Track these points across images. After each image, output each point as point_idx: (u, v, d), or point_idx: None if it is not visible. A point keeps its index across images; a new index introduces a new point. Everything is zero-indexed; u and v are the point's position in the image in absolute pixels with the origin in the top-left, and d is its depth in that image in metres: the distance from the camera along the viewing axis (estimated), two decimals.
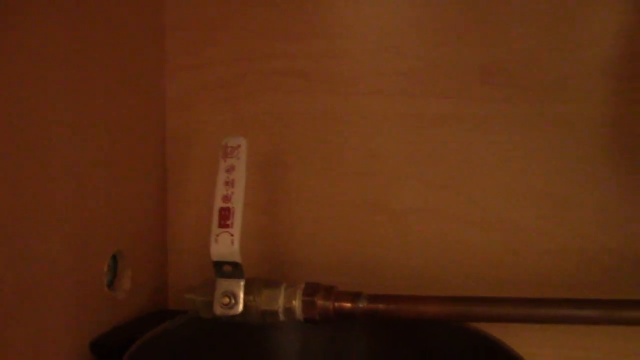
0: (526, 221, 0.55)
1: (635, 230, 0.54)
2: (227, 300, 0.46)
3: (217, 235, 0.46)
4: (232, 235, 0.46)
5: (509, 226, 0.55)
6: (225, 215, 0.46)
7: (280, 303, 0.47)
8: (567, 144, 0.54)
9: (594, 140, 0.54)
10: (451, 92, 0.55)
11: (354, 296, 0.47)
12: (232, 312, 0.46)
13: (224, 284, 0.47)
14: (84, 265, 0.48)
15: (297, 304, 0.47)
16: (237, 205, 0.46)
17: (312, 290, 0.47)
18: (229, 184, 0.47)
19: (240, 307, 0.46)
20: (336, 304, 0.47)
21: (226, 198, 0.47)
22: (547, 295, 0.45)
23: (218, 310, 0.46)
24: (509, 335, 0.48)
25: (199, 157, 0.60)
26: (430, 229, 0.56)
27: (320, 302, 0.47)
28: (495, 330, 0.48)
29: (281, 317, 0.47)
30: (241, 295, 0.46)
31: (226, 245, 0.45)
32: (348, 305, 0.47)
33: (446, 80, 0.55)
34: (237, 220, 0.46)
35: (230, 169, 0.47)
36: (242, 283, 0.47)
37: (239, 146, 0.48)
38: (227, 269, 0.46)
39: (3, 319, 0.40)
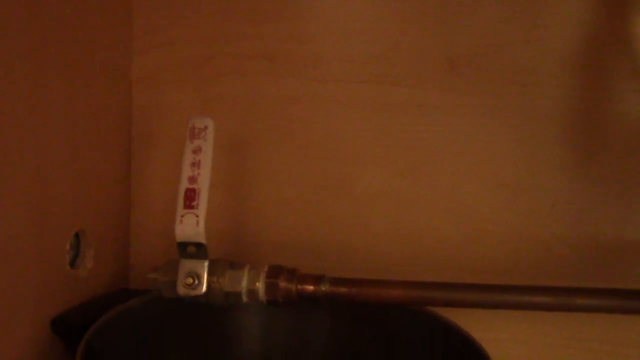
0: (484, 208, 0.56)
1: (585, 220, 0.55)
2: (190, 280, 0.47)
3: (182, 216, 0.46)
4: (197, 216, 0.46)
5: (468, 213, 0.56)
6: (190, 197, 0.46)
7: (243, 285, 0.47)
8: (527, 135, 0.56)
9: (552, 131, 0.55)
10: (416, 80, 0.56)
11: (317, 279, 0.48)
12: (195, 292, 0.47)
13: (187, 265, 0.47)
14: (45, 243, 0.48)
15: (260, 286, 0.47)
16: (203, 187, 0.46)
17: (275, 272, 0.48)
18: (195, 165, 0.47)
19: (204, 287, 0.47)
20: (299, 287, 0.47)
21: (192, 179, 0.47)
22: (503, 282, 0.46)
23: (181, 290, 0.47)
24: (465, 319, 0.49)
25: (164, 137, 0.59)
26: (392, 213, 0.57)
27: (283, 285, 0.47)
28: (453, 316, 0.50)
29: (244, 298, 0.47)
30: (205, 276, 0.47)
31: (191, 226, 0.46)
32: (311, 288, 0.47)
33: (411, 69, 0.56)
34: (203, 201, 0.46)
35: (196, 150, 0.47)
36: (206, 264, 0.47)
37: (205, 127, 0.48)
38: (191, 250, 0.47)
39: None
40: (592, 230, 0.55)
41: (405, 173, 0.57)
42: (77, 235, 0.53)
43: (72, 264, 0.52)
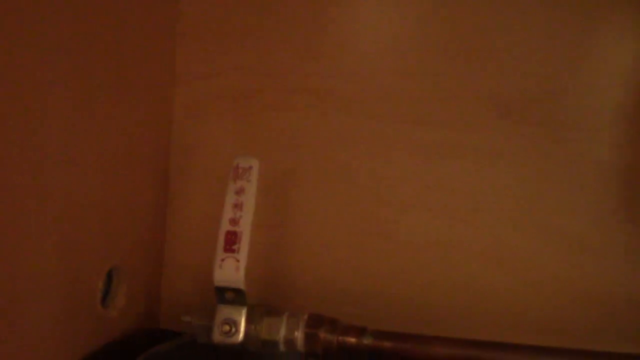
0: (542, 262, 0.53)
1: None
2: (227, 328, 0.44)
3: (222, 260, 0.44)
4: (237, 260, 0.44)
5: (524, 266, 0.53)
6: (231, 240, 0.44)
7: (281, 334, 0.45)
8: (580, 184, 0.52)
9: (605, 183, 0.52)
10: (465, 123, 0.53)
11: (360, 331, 0.45)
12: (231, 340, 0.44)
13: (225, 311, 0.45)
14: (77, 280, 0.46)
15: (299, 335, 0.45)
16: (245, 230, 0.44)
17: (315, 322, 0.45)
18: (238, 206, 0.45)
19: (241, 336, 0.44)
20: (340, 339, 0.45)
21: (233, 221, 0.44)
22: (561, 344, 0.43)
23: (217, 338, 0.44)
24: None
25: (202, 170, 0.57)
26: (442, 263, 0.54)
27: (323, 336, 0.45)
28: None
29: (281, 347, 0.45)
30: (242, 324, 0.44)
31: (231, 271, 0.43)
32: (353, 340, 0.45)
33: (461, 111, 0.53)
34: (244, 245, 0.44)
35: (239, 191, 0.45)
36: (244, 311, 0.45)
37: (250, 167, 0.46)
38: (229, 296, 0.44)
39: None
40: None
41: (457, 220, 0.54)
42: (109, 272, 0.50)
43: (103, 302, 0.50)
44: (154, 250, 0.57)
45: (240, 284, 0.43)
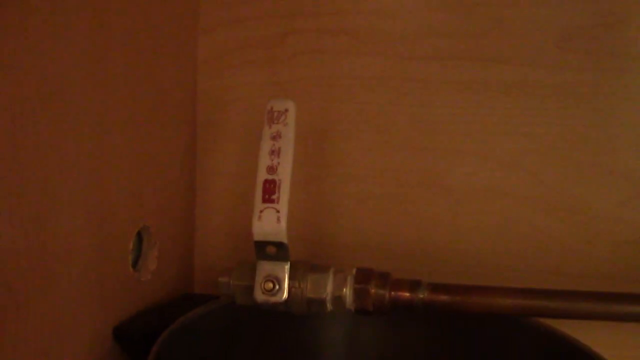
0: (599, 205, 0.49)
1: None
2: (270, 285, 0.41)
3: (261, 212, 0.40)
4: (278, 211, 0.40)
5: (580, 210, 0.49)
6: (270, 189, 0.40)
7: (328, 290, 0.41)
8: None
9: None
10: (520, 57, 0.49)
11: (413, 285, 0.41)
12: (275, 299, 0.41)
13: (266, 267, 0.41)
14: (106, 241, 0.42)
15: (347, 292, 0.41)
16: (284, 178, 0.40)
17: (365, 276, 0.42)
18: (275, 153, 0.41)
19: (285, 293, 0.41)
20: (393, 294, 0.41)
21: (271, 169, 0.41)
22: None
23: (260, 296, 0.41)
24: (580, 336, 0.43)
25: (231, 124, 0.54)
26: (491, 211, 0.50)
27: (374, 291, 0.41)
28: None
29: (329, 306, 0.42)
30: (286, 281, 0.41)
31: (271, 222, 0.40)
32: (406, 295, 0.41)
33: (515, 44, 0.49)
34: (284, 194, 0.40)
35: (276, 136, 0.41)
36: (286, 267, 0.41)
37: (286, 110, 0.42)
38: (270, 250, 0.41)
39: (23, 299, 0.35)
40: None
41: (506, 165, 0.50)
42: (139, 235, 0.47)
43: (134, 265, 0.47)
44: (184, 212, 0.54)
45: (282, 237, 0.40)
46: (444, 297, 0.41)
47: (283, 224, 0.40)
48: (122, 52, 0.43)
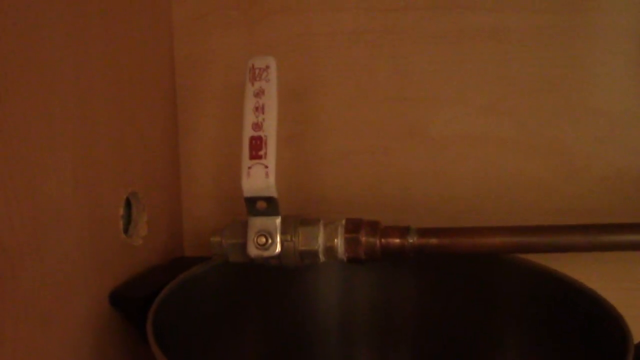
0: (576, 144, 0.50)
1: None
2: (263, 240, 0.41)
3: (249, 168, 0.40)
4: (266, 167, 0.40)
5: (559, 150, 0.50)
6: (256, 145, 0.41)
7: (319, 242, 0.42)
8: (626, 55, 0.49)
9: None
10: (494, 3, 0.49)
11: (403, 231, 0.42)
12: (268, 253, 0.41)
13: (257, 223, 0.42)
14: (97, 207, 0.43)
15: (339, 242, 0.42)
16: (270, 133, 0.41)
17: (354, 226, 0.42)
18: (259, 109, 0.41)
19: (278, 247, 0.41)
20: (383, 241, 0.42)
21: (256, 126, 0.41)
22: None
23: (253, 251, 0.41)
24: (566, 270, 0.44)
25: (211, 87, 0.54)
26: (472, 156, 0.51)
27: (365, 239, 0.42)
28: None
29: (321, 257, 0.42)
30: (278, 236, 0.41)
31: (260, 178, 0.40)
32: (396, 241, 0.42)
33: None
34: (271, 149, 0.40)
35: (259, 93, 0.41)
36: (277, 221, 0.42)
37: (267, 67, 0.42)
38: (261, 205, 0.41)
39: (17, 260, 0.35)
40: None
41: (485, 111, 0.51)
42: (128, 202, 0.47)
43: (126, 232, 0.47)
44: (169, 176, 0.54)
45: (272, 191, 0.40)
46: (433, 241, 0.42)
47: (272, 178, 0.40)
48: (100, 20, 0.43)
